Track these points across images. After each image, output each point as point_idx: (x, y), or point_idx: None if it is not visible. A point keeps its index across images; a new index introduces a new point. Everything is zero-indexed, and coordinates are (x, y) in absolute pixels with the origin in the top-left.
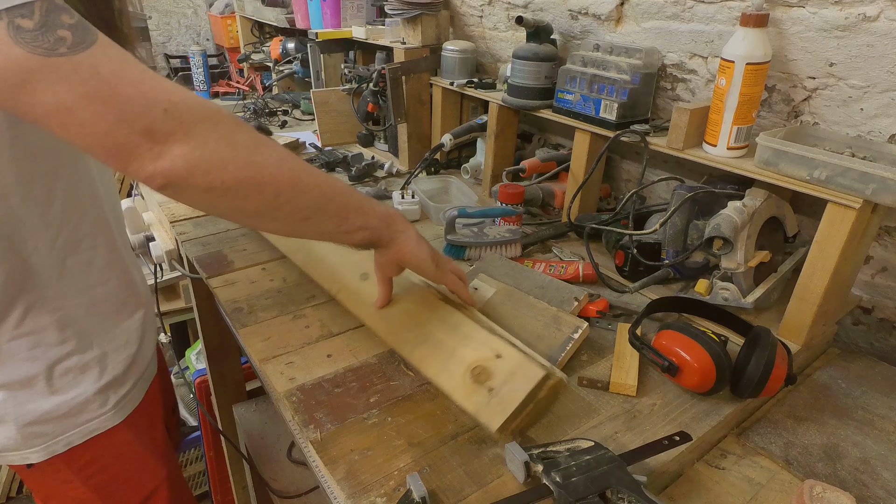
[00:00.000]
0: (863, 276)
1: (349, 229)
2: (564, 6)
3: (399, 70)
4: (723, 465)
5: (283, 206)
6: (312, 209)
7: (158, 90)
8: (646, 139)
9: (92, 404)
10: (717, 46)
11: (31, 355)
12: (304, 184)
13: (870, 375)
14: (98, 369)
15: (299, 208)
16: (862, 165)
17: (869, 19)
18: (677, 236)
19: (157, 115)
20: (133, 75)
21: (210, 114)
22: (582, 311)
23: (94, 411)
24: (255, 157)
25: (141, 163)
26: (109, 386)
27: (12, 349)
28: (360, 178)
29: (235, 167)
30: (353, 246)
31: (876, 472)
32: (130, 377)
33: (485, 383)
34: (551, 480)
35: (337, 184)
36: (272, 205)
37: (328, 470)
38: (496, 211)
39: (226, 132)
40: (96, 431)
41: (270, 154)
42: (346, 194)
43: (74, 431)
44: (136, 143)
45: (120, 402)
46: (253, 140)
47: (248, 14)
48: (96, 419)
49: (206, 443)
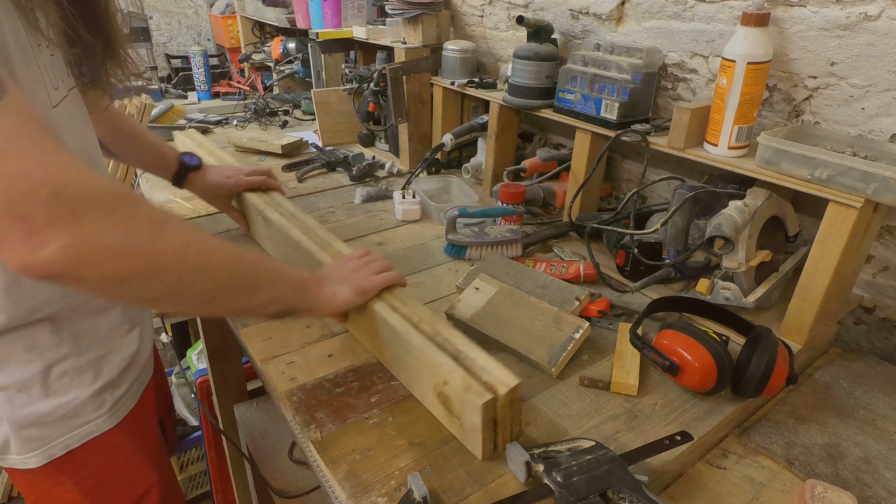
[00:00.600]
0: (864, 275)
1: (259, 304)
2: (565, 6)
3: (400, 70)
4: (724, 465)
5: (187, 291)
6: (219, 290)
7: (48, 168)
8: (647, 139)
9: (88, 407)
10: (717, 46)
11: (27, 358)
12: (211, 266)
13: (871, 375)
14: (93, 372)
15: (204, 291)
16: (863, 165)
17: (870, 18)
18: (678, 236)
19: (39, 200)
20: (21, 149)
21: (107, 197)
22: (583, 310)
23: (90, 414)
24: (157, 243)
25: (13, 252)
26: (105, 388)
27: (8, 351)
28: (361, 178)
29: (132, 257)
30: (266, 318)
31: (877, 472)
32: (126, 379)
33: (452, 412)
34: (552, 480)
35: (246, 257)
36: (174, 291)
37: (329, 470)
38: (497, 211)
39: (124, 217)
40: (92, 435)
41: (174, 238)
42: (256, 268)
43: (71, 435)
44: (9, 229)
45: (115, 404)
46: (156, 223)
47: (249, 14)
48: (92, 422)
49: (207, 443)
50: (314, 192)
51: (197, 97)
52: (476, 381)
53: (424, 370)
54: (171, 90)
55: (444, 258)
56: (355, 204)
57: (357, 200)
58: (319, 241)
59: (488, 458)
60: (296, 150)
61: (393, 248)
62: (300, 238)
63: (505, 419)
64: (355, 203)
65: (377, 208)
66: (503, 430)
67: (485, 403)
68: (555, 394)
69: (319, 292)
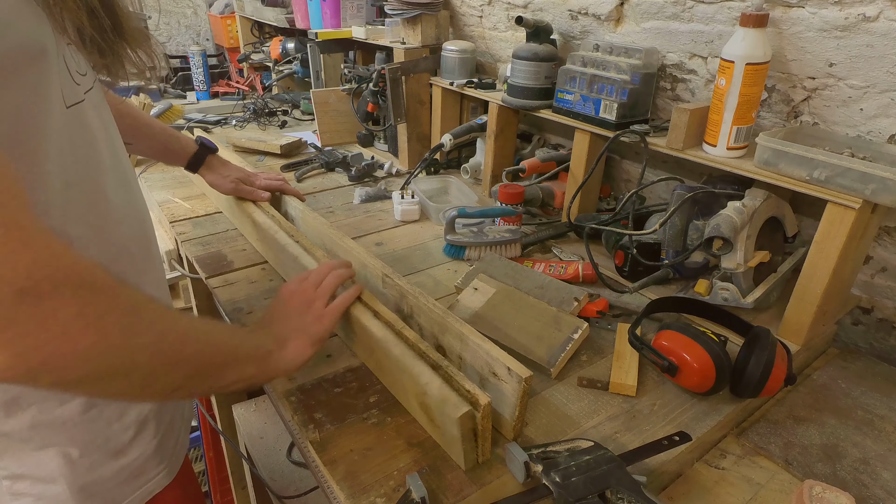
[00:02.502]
0: (862, 276)
1: (224, 384)
2: (564, 6)
3: (399, 70)
4: (722, 466)
5: (154, 385)
6: (186, 380)
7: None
8: (645, 139)
9: (151, 462)
10: (716, 46)
11: (88, 417)
12: (183, 358)
13: (869, 375)
14: (155, 422)
15: (170, 382)
16: (861, 166)
17: (869, 19)
18: (677, 236)
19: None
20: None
21: (81, 291)
22: (582, 311)
23: (152, 470)
24: (130, 341)
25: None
26: (165, 438)
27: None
28: (360, 179)
29: (98, 361)
30: None
31: (875, 473)
32: (177, 420)
33: (434, 421)
34: (551, 480)
35: (216, 338)
36: (140, 385)
37: (327, 470)
38: (496, 211)
39: (97, 315)
40: (152, 493)
41: (149, 333)
42: (224, 350)
43: (134, 497)
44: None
45: (172, 455)
46: (131, 315)
47: (248, 14)
48: (153, 479)
49: (205, 443)
50: (313, 192)
51: (196, 97)
52: (455, 392)
53: (406, 378)
54: (170, 90)
55: (443, 258)
56: (354, 204)
57: (356, 201)
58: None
59: (471, 467)
60: (295, 151)
61: (392, 249)
62: (287, 242)
63: (486, 430)
64: (354, 203)
65: (376, 208)
66: (485, 433)
67: (461, 416)
68: (554, 394)
69: (281, 356)
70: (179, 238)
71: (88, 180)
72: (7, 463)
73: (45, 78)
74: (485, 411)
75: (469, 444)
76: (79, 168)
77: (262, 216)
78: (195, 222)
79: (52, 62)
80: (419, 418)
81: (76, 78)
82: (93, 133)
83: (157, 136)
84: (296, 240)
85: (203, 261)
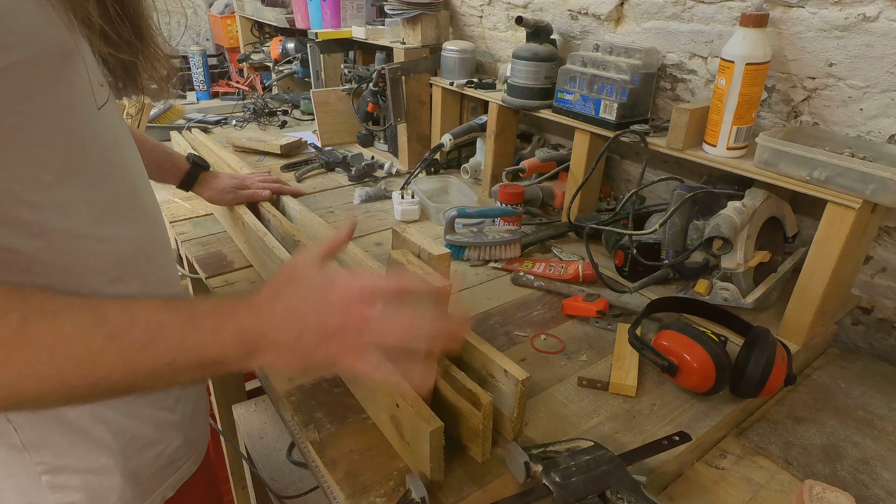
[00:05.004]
0: (862, 276)
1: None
2: (564, 6)
3: (399, 70)
4: (722, 466)
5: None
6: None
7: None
8: (645, 139)
9: (180, 450)
10: (716, 46)
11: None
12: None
13: (869, 375)
14: (181, 411)
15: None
16: (861, 166)
17: (868, 19)
18: (677, 236)
19: None
20: None
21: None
22: (583, 310)
23: (182, 458)
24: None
25: None
26: (190, 425)
27: None
28: (360, 179)
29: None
30: None
31: (875, 473)
32: (201, 410)
33: (403, 437)
34: (551, 480)
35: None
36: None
37: (328, 470)
38: (496, 211)
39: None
40: (182, 480)
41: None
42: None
43: (167, 484)
44: None
45: (195, 442)
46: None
47: (248, 14)
48: (182, 467)
49: None
50: (313, 192)
51: (196, 97)
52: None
53: (378, 389)
54: None
55: None
56: (354, 204)
57: (356, 201)
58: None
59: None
60: (295, 151)
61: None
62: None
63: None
64: (354, 203)
65: (376, 208)
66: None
67: (432, 431)
68: (553, 394)
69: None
70: (179, 238)
71: (114, 180)
72: (46, 457)
73: (80, 79)
74: (486, 411)
75: (437, 463)
76: (104, 169)
77: (252, 218)
78: (195, 222)
79: (81, 66)
80: (388, 433)
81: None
82: (117, 134)
83: (150, 152)
84: (297, 239)
85: (203, 261)
